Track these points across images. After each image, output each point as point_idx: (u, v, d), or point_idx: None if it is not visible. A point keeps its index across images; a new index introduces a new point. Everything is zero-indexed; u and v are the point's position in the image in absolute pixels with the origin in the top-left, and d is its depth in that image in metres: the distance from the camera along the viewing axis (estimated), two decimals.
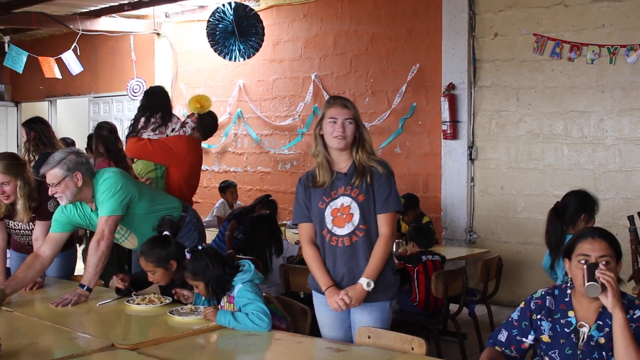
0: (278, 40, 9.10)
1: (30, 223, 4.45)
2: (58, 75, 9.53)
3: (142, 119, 5.91)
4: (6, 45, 10.18)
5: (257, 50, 7.62)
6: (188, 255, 3.53)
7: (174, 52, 10.24)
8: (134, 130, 5.92)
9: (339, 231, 3.36)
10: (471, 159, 7.48)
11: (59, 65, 9.45)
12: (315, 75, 8.68)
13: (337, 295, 3.29)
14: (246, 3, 9.14)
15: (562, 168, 6.97)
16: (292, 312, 3.73)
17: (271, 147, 9.24)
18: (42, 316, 3.65)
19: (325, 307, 3.39)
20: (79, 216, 4.18)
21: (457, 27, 7.42)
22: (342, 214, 3.35)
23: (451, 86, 7.41)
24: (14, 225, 4.53)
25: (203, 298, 3.69)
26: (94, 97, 11.31)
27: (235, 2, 7.59)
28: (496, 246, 7.19)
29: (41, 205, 4.36)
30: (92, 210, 4.16)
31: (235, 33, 7.21)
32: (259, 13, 9.07)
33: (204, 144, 9.66)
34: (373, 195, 3.34)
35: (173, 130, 5.91)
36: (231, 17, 7.17)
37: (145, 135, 5.87)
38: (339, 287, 3.34)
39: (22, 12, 8.70)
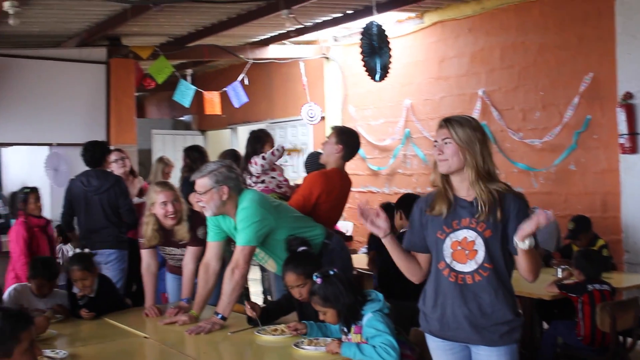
0: (443, 57, 8.84)
1: (183, 248, 4.66)
2: (218, 111, 10.30)
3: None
4: (188, 78, 10.84)
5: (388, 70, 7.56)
6: (319, 280, 3.45)
7: (342, 75, 10.31)
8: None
9: (460, 267, 2.98)
10: None
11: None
12: (483, 91, 8.30)
13: None
14: (410, 21, 9.08)
15: None
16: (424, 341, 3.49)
17: None
18: (172, 343, 3.76)
19: (443, 351, 3.10)
20: (223, 224, 4.27)
21: (632, 30, 6.75)
22: (465, 249, 2.97)
23: (628, 95, 6.75)
24: (169, 251, 4.82)
25: (316, 328, 3.62)
26: (271, 123, 11.66)
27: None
28: None
29: (191, 231, 4.59)
30: (234, 226, 4.20)
31: (377, 52, 7.10)
32: (424, 30, 8.99)
33: (372, 166, 9.73)
34: (504, 231, 2.95)
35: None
36: (376, 36, 7.06)
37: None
38: (460, 330, 3.02)
39: (194, 45, 9.18)
